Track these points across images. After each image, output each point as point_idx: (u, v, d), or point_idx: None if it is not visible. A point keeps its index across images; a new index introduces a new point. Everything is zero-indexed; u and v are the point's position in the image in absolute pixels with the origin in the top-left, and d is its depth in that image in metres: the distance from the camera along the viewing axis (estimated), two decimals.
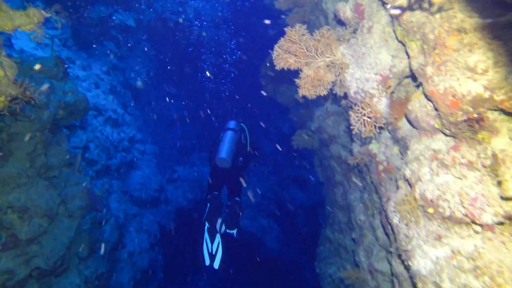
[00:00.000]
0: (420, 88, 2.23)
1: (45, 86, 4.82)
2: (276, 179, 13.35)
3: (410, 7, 1.84)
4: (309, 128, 6.70)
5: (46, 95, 5.53)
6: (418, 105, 2.19)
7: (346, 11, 2.88)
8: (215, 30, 17.57)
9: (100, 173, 9.12)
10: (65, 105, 5.86)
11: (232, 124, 5.07)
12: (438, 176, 2.10)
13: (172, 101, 15.94)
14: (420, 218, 2.27)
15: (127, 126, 12.28)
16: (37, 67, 5.54)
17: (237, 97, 17.00)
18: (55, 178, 5.22)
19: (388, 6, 2.28)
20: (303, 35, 2.69)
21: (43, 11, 2.96)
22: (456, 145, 2.06)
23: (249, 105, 15.49)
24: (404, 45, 2.37)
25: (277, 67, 2.77)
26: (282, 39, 2.68)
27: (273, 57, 2.73)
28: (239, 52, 17.73)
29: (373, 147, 3.18)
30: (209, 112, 16.26)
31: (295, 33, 2.66)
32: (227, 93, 17.58)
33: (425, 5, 1.66)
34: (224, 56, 17.90)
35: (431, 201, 2.12)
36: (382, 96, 2.52)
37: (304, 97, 2.84)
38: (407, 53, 2.38)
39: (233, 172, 4.89)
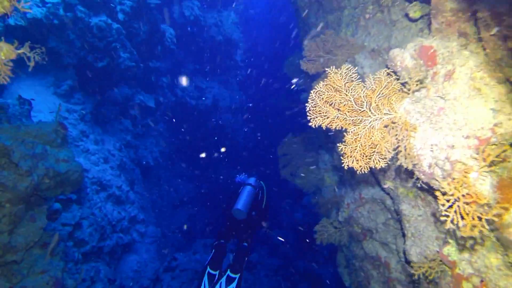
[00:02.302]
0: None
1: None
2: (286, 274, 11.50)
3: None
4: (334, 219, 5.60)
5: (33, 161, 4.82)
6: None
7: (405, 59, 2.14)
8: (232, 115, 17.72)
9: (89, 256, 7.90)
10: (53, 174, 5.10)
11: (252, 180, 5.43)
12: None
13: (182, 182, 15.33)
14: None
15: (130, 205, 11.40)
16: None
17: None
18: (15, 264, 4.15)
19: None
20: (351, 81, 1.91)
21: (15, 49, 2.35)
22: None
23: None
24: None
25: (312, 124, 1.93)
26: (321, 84, 1.88)
27: (308, 109, 1.91)
28: (258, 135, 17.67)
29: (451, 251, 2.12)
30: (220, 196, 15.49)
31: (341, 78, 1.87)
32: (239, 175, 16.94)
33: None
34: (238, 140, 17.75)
35: None
36: (484, 170, 1.59)
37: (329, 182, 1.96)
38: None
39: (246, 225, 5.09)
